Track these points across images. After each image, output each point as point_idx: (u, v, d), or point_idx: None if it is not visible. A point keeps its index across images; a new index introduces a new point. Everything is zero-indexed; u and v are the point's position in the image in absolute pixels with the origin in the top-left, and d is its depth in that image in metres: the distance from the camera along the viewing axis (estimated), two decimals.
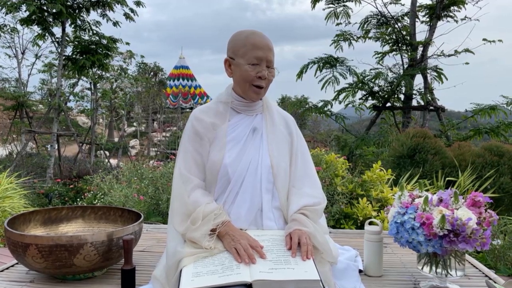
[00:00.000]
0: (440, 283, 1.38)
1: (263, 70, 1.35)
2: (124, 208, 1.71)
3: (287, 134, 1.49)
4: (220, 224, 1.27)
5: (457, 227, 1.23)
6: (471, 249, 1.24)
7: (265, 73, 1.35)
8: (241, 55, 1.36)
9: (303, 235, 1.24)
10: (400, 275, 1.51)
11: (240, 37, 1.38)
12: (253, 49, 1.34)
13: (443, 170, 5.00)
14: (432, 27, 8.36)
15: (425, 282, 1.42)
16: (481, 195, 1.34)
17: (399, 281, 1.46)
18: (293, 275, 1.10)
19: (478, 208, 1.32)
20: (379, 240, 1.50)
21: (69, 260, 1.29)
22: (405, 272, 1.53)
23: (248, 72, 1.35)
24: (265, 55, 1.35)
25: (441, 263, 1.35)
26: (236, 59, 1.37)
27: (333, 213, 3.14)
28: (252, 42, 1.34)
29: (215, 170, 1.37)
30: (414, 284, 1.43)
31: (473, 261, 1.62)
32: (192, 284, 1.09)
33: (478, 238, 1.23)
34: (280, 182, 1.40)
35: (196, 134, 1.39)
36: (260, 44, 1.34)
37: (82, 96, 12.85)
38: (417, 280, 1.45)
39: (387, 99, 8.57)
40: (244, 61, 1.35)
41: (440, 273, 1.35)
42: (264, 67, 1.36)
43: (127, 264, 1.33)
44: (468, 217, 1.23)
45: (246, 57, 1.35)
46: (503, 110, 7.76)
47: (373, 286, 1.41)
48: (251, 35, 1.36)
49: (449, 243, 1.26)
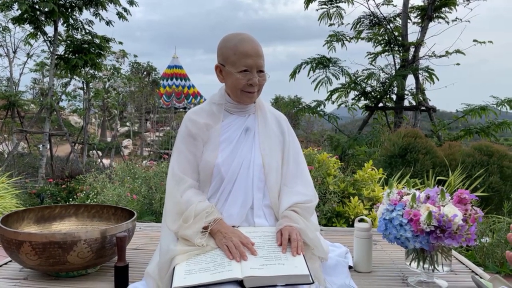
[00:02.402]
0: (427, 278, 1.41)
1: (254, 77, 1.36)
2: (117, 207, 1.72)
3: (280, 134, 1.51)
4: (212, 221, 1.29)
5: (443, 224, 1.27)
6: (457, 244, 1.28)
7: (256, 80, 1.37)
8: (231, 63, 1.36)
9: (293, 231, 1.26)
10: (389, 271, 1.55)
11: (230, 45, 1.37)
12: (243, 58, 1.34)
13: (434, 170, 5.07)
14: (424, 28, 8.46)
15: (413, 278, 1.45)
16: (467, 193, 1.38)
17: (388, 277, 1.49)
18: (283, 270, 1.13)
19: (464, 205, 1.35)
20: (369, 237, 1.53)
21: (62, 257, 1.30)
22: (394, 268, 1.57)
23: (239, 80, 1.36)
24: (255, 63, 1.36)
25: (428, 259, 1.38)
26: (226, 66, 1.38)
27: (325, 212, 3.17)
28: (241, 51, 1.34)
29: (209, 170, 1.39)
30: (403, 279, 1.47)
31: (460, 258, 1.66)
32: (184, 282, 1.11)
33: (464, 234, 1.27)
34: (271, 181, 1.42)
35: (190, 135, 1.41)
36: (250, 52, 1.35)
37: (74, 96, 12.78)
38: (405, 276, 1.49)
39: (380, 99, 8.65)
40: (235, 69, 1.36)
41: (428, 268, 1.39)
42: (255, 73, 1.37)
43: (121, 261, 1.35)
44: (454, 213, 1.27)
45: (237, 65, 1.35)
46: (493, 111, 7.88)
47: (362, 282, 1.44)
48: (241, 43, 1.36)
49: (436, 239, 1.29)
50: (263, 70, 1.40)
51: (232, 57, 1.35)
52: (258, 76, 1.37)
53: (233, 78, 1.37)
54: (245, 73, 1.36)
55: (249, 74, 1.36)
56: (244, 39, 1.37)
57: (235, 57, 1.35)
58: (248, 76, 1.36)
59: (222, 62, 1.40)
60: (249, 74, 1.36)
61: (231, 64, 1.36)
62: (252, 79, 1.36)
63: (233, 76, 1.37)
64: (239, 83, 1.37)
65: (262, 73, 1.39)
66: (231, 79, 1.38)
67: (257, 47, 1.37)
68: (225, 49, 1.38)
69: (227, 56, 1.37)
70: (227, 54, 1.37)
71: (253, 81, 1.36)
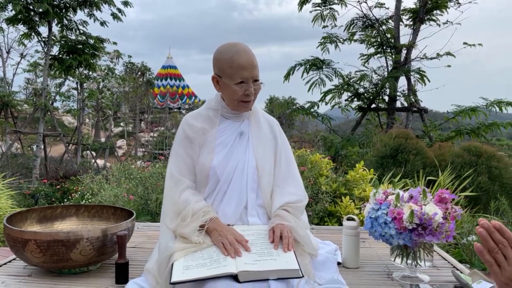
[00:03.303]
0: (410, 273, 1.50)
1: (250, 87, 1.43)
2: (116, 207, 1.79)
3: (272, 138, 1.59)
4: (208, 220, 1.36)
5: (425, 221, 1.36)
6: (437, 241, 1.37)
7: (252, 90, 1.44)
8: (228, 76, 1.43)
9: (285, 229, 1.34)
10: (375, 266, 1.63)
11: (225, 57, 1.43)
12: (239, 70, 1.41)
13: (424, 170, 5.18)
14: (416, 30, 8.59)
15: (398, 273, 1.54)
16: (447, 192, 1.47)
17: (374, 272, 1.58)
18: (275, 265, 1.21)
19: (444, 204, 1.44)
20: (356, 234, 1.62)
21: (66, 255, 1.37)
22: (380, 264, 1.66)
23: (236, 91, 1.43)
24: (251, 74, 1.43)
25: (411, 255, 1.47)
26: (223, 78, 1.45)
27: (317, 211, 3.26)
28: (237, 64, 1.41)
29: (205, 172, 1.47)
30: (388, 274, 1.55)
31: (442, 254, 1.76)
32: (182, 276, 1.19)
33: (444, 231, 1.36)
34: (264, 182, 1.50)
35: (187, 138, 1.49)
36: (245, 64, 1.41)
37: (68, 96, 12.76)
38: (391, 271, 1.58)
39: (372, 101, 8.77)
40: (232, 81, 1.43)
41: (411, 264, 1.48)
42: (251, 84, 1.44)
43: (121, 258, 1.42)
44: (435, 212, 1.36)
45: (233, 77, 1.42)
46: (483, 112, 8.02)
47: (350, 277, 1.52)
48: (236, 56, 1.42)
49: (418, 235, 1.38)
50: (258, 79, 1.47)
51: (229, 69, 1.42)
52: (253, 85, 1.45)
53: (230, 89, 1.44)
54: (241, 85, 1.43)
55: (245, 85, 1.43)
56: (239, 52, 1.43)
57: (232, 70, 1.42)
58: (245, 87, 1.43)
59: (218, 73, 1.47)
60: (245, 85, 1.43)
61: (227, 76, 1.43)
62: (249, 90, 1.43)
63: (230, 87, 1.44)
64: (236, 94, 1.44)
65: (257, 82, 1.46)
66: (228, 90, 1.46)
67: (252, 59, 1.44)
68: (221, 62, 1.45)
69: (223, 68, 1.44)
70: (223, 66, 1.44)
71: (249, 91, 1.44)
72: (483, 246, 0.79)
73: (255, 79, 1.45)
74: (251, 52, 1.46)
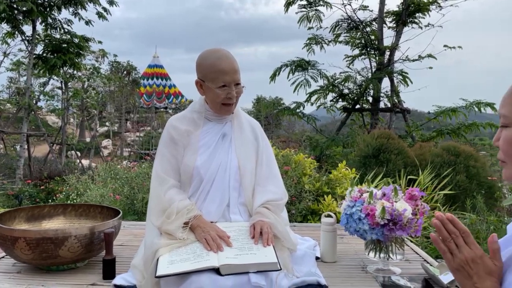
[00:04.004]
0: (383, 266, 1.60)
1: (232, 91, 1.51)
2: (103, 206, 1.85)
3: (254, 139, 1.68)
4: (192, 218, 1.44)
5: (395, 217, 1.45)
6: (406, 235, 1.47)
7: (234, 93, 1.52)
8: (210, 80, 1.51)
9: (265, 225, 1.42)
10: (351, 260, 1.73)
11: (208, 62, 1.52)
12: (221, 75, 1.49)
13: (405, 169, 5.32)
14: (399, 32, 8.79)
15: (372, 266, 1.64)
16: (417, 190, 1.57)
17: (350, 266, 1.67)
18: (254, 259, 1.29)
19: (414, 201, 1.55)
20: (333, 230, 1.71)
21: (54, 252, 1.42)
22: (356, 258, 1.75)
23: (219, 95, 1.51)
24: (232, 78, 1.51)
25: (384, 249, 1.57)
26: (206, 82, 1.53)
27: (300, 209, 3.35)
28: (219, 69, 1.49)
29: (189, 172, 1.54)
30: (362, 267, 1.65)
31: (414, 248, 1.86)
32: (167, 270, 1.26)
33: (413, 226, 1.46)
34: (246, 182, 1.58)
35: (172, 140, 1.56)
36: (226, 69, 1.49)
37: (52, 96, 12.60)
38: (365, 264, 1.67)
39: (357, 101, 8.94)
40: (214, 85, 1.51)
41: (384, 257, 1.57)
42: (233, 87, 1.52)
43: (108, 255, 1.48)
44: (404, 208, 1.46)
45: (216, 81, 1.50)
46: (463, 112, 8.26)
47: (327, 270, 1.61)
48: (218, 61, 1.50)
49: (389, 230, 1.48)
50: (240, 83, 1.55)
51: (211, 74, 1.50)
52: (235, 89, 1.53)
53: (213, 93, 1.52)
54: (223, 88, 1.51)
55: (227, 89, 1.51)
56: (221, 57, 1.51)
57: (214, 75, 1.50)
58: (227, 91, 1.51)
59: (202, 78, 1.55)
60: (227, 88, 1.51)
61: (210, 80, 1.51)
62: (231, 93, 1.52)
63: (213, 91, 1.52)
64: (219, 97, 1.52)
65: (238, 85, 1.55)
66: (211, 94, 1.54)
67: (233, 64, 1.52)
68: (203, 67, 1.53)
69: (206, 73, 1.52)
70: (206, 71, 1.52)
71: (231, 94, 1.52)
72: (438, 236, 0.88)
73: (236, 83, 1.53)
74: (233, 58, 1.54)
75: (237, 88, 1.54)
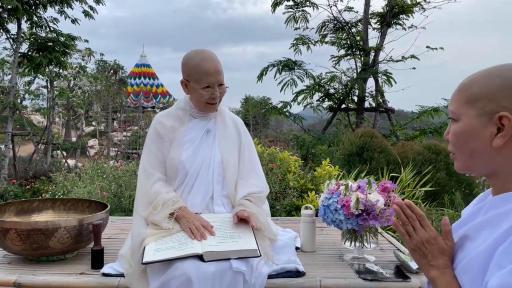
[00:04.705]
0: (358, 254, 1.70)
1: (215, 91, 1.59)
2: (91, 200, 1.91)
3: (236, 135, 1.76)
4: (178, 209, 1.52)
5: (368, 208, 1.55)
6: (379, 224, 1.57)
7: (217, 93, 1.60)
8: (194, 81, 1.59)
9: (246, 213, 1.51)
10: (330, 250, 1.82)
11: (192, 63, 1.59)
12: (205, 76, 1.56)
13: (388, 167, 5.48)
14: (383, 34, 8.97)
15: (348, 254, 1.74)
16: (389, 183, 1.67)
17: (329, 255, 1.77)
18: (236, 246, 1.37)
19: (387, 193, 1.65)
20: (312, 221, 1.80)
21: (44, 243, 1.48)
22: (334, 248, 1.85)
23: (203, 95, 1.59)
24: (216, 79, 1.58)
25: (359, 238, 1.67)
26: (191, 82, 1.61)
27: (284, 205, 3.45)
28: (203, 70, 1.56)
29: (174, 166, 1.62)
30: (339, 256, 1.75)
31: (389, 238, 1.97)
32: (153, 257, 1.33)
33: (384, 216, 1.56)
34: (229, 175, 1.67)
35: (158, 135, 1.64)
36: (210, 71, 1.57)
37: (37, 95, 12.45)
38: (342, 253, 1.77)
39: (342, 101, 9.10)
40: (198, 86, 1.58)
41: (359, 246, 1.67)
42: (216, 88, 1.60)
43: (97, 245, 1.55)
44: (377, 199, 1.56)
45: (200, 82, 1.58)
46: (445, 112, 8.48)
47: (307, 259, 1.70)
48: (202, 62, 1.57)
49: (363, 220, 1.58)
50: (223, 83, 1.63)
51: (195, 75, 1.58)
52: (219, 89, 1.60)
53: (198, 93, 1.60)
54: (207, 89, 1.59)
55: (211, 90, 1.59)
56: (205, 59, 1.58)
57: (198, 76, 1.57)
58: (210, 91, 1.59)
59: (186, 78, 1.63)
60: (211, 89, 1.59)
61: (194, 81, 1.59)
62: (214, 93, 1.60)
63: (197, 91, 1.60)
64: (203, 97, 1.60)
65: (222, 86, 1.62)
66: (195, 94, 1.61)
67: (216, 65, 1.59)
68: (188, 68, 1.61)
69: (191, 74, 1.60)
70: (190, 72, 1.60)
71: (215, 95, 1.60)
72: (398, 220, 0.97)
73: (220, 84, 1.60)
74: (216, 59, 1.62)
75: (220, 88, 1.62)
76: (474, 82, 0.86)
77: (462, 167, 0.92)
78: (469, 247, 0.88)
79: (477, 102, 0.84)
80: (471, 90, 0.86)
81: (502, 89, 0.81)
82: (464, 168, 0.91)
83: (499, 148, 0.82)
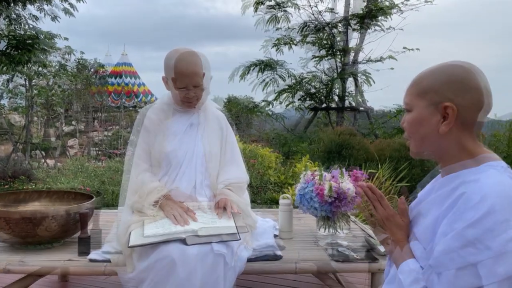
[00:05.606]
0: (332, 240, 1.82)
1: (190, 92, 1.63)
2: (76, 192, 1.97)
3: (219, 129, 1.85)
4: (162, 197, 1.60)
5: (340, 195, 1.67)
6: (350, 210, 1.69)
7: (192, 94, 1.65)
8: (172, 80, 1.64)
9: (227, 201, 1.61)
10: (306, 237, 1.94)
11: (170, 63, 1.62)
12: (181, 77, 1.60)
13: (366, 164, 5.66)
14: (362, 35, 9.20)
15: (323, 240, 1.86)
16: (361, 172, 1.80)
17: (305, 241, 1.88)
18: (217, 231, 1.47)
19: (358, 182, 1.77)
20: (290, 210, 1.91)
21: (33, 231, 1.55)
22: (310, 235, 1.97)
23: (179, 94, 1.65)
24: (191, 82, 1.61)
25: (332, 225, 1.79)
26: (169, 80, 1.66)
27: (265, 199, 3.56)
28: (179, 71, 1.60)
29: (160, 157, 1.71)
30: (315, 242, 1.86)
31: (361, 225, 2.10)
32: (139, 241, 1.42)
33: (355, 202, 1.68)
34: (211, 166, 1.76)
35: (145, 128, 1.72)
36: (186, 72, 1.60)
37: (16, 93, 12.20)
38: (317, 239, 1.89)
39: (323, 100, 9.29)
40: (175, 86, 1.64)
41: (332, 232, 1.79)
42: (191, 88, 1.63)
43: (83, 233, 1.61)
44: (348, 187, 1.68)
45: (175, 82, 1.62)
46: None
47: (284, 245, 1.81)
48: (179, 63, 1.59)
49: (336, 207, 1.70)
50: (199, 85, 1.65)
51: (173, 75, 1.62)
52: (194, 90, 1.65)
53: (174, 91, 1.67)
54: (182, 89, 1.64)
55: (185, 90, 1.64)
56: (182, 59, 1.61)
57: (175, 76, 1.62)
58: (185, 92, 1.64)
59: (166, 75, 1.69)
60: (185, 90, 1.64)
61: (172, 80, 1.65)
62: (189, 94, 1.65)
63: (173, 90, 1.67)
64: (179, 96, 1.67)
65: (198, 88, 1.66)
66: (173, 92, 1.69)
67: (193, 67, 1.61)
68: (167, 66, 1.66)
69: (169, 73, 1.65)
70: (168, 71, 1.65)
71: (189, 95, 1.65)
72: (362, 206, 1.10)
73: (195, 85, 1.64)
74: (195, 61, 1.63)
75: (196, 90, 1.65)
76: (424, 78, 0.98)
77: (415, 151, 1.04)
78: (421, 222, 1.01)
79: (426, 95, 0.96)
80: (421, 84, 0.98)
81: (446, 83, 0.94)
82: (417, 152, 1.04)
83: (444, 134, 0.95)
